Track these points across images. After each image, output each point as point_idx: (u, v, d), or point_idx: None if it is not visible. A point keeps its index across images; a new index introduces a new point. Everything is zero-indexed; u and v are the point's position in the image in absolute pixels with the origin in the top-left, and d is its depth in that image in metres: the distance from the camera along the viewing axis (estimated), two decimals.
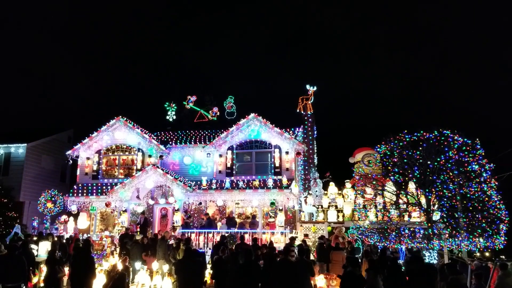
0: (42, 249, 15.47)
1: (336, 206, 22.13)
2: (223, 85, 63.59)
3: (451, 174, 13.25)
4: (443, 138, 13.34)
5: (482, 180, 13.02)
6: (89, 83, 68.81)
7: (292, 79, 67.70)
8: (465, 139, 13.30)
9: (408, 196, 14.27)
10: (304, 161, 24.94)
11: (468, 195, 13.27)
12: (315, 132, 26.50)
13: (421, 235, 14.60)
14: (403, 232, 14.57)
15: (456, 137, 13.31)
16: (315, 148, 26.25)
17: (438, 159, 13.20)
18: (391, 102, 64.99)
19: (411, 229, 15.75)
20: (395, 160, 13.68)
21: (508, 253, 18.16)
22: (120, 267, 11.71)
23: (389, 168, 13.78)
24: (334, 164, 28.25)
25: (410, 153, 13.48)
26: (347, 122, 59.76)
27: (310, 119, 25.72)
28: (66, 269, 12.70)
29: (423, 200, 14.71)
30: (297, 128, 25.04)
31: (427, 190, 13.43)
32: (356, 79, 68.67)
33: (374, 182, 14.42)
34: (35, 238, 17.02)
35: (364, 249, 14.65)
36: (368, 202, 17.91)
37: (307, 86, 26.40)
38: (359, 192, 15.56)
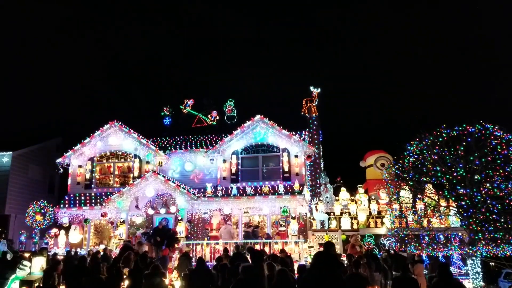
0: (36, 266, 13.68)
1: (349, 213, 20.80)
2: (222, 88, 62.06)
3: (501, 171, 12.09)
4: (487, 132, 12.21)
5: None
6: (78, 89, 66.58)
7: (296, 81, 66.59)
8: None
9: (450, 198, 13.02)
10: (311, 166, 23.62)
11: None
12: (321, 136, 25.28)
13: (458, 241, 13.37)
14: (438, 240, 13.29)
15: (499, 132, 12.17)
16: (321, 152, 25.00)
17: (485, 155, 12.00)
18: (400, 104, 64.23)
19: (444, 235, 14.50)
20: (435, 157, 12.44)
21: None
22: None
23: (429, 166, 12.49)
24: (342, 169, 27.04)
25: (452, 149, 12.26)
26: (354, 125, 58.68)
27: (315, 122, 24.44)
28: None
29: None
30: (303, 132, 23.73)
31: (474, 190, 12.20)
32: (361, 79, 67.91)
33: (411, 183, 13.15)
34: (27, 255, 15.22)
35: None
36: (390, 207, 16.59)
37: (311, 88, 25.20)
38: (393, 197, 14.21)
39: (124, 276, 10.62)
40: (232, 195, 19.86)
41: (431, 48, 68.25)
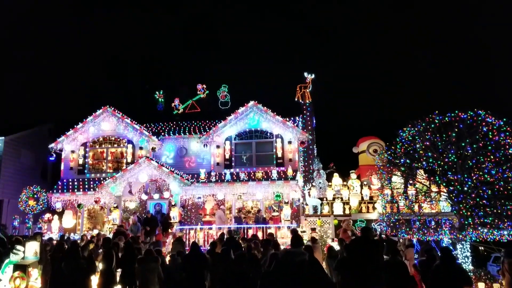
0: (30, 251, 13.71)
1: (341, 198, 20.95)
2: (216, 74, 61.60)
3: (492, 157, 12.21)
4: (479, 119, 12.30)
5: None
6: (69, 74, 65.84)
7: (289, 67, 66.18)
8: (504, 119, 12.27)
9: (441, 184, 13.16)
10: (304, 152, 23.71)
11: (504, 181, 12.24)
12: (314, 122, 25.33)
13: (448, 226, 13.53)
14: (429, 224, 13.44)
15: (491, 119, 12.27)
16: (315, 138, 25.07)
17: (477, 141, 12.10)
18: (393, 90, 64.29)
19: (435, 220, 14.66)
20: (427, 143, 12.54)
21: None
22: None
23: (421, 152, 12.59)
24: (336, 155, 27.15)
25: (444, 135, 12.36)
26: (347, 111, 58.59)
27: (308, 108, 24.44)
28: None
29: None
30: (296, 118, 23.77)
31: (465, 175, 12.34)
32: (355, 65, 67.74)
33: (403, 169, 13.26)
34: (20, 238, 15.21)
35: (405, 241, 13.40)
36: (381, 192, 16.73)
37: (305, 74, 25.13)
38: (385, 183, 14.32)
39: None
40: (225, 180, 19.94)
41: (427, 34, 68.20)
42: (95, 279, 11.19)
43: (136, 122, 22.66)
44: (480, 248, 16.90)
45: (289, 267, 6.57)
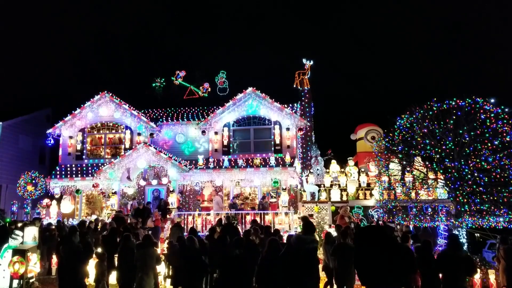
0: (28, 236, 13.78)
1: (339, 185, 21.02)
2: (214, 60, 61.20)
3: (489, 145, 12.26)
4: (477, 106, 12.32)
5: None
6: (67, 59, 65.38)
7: (289, 53, 65.77)
8: (502, 107, 12.29)
9: (438, 171, 13.21)
10: (302, 139, 23.72)
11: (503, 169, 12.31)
12: (313, 109, 25.28)
13: (445, 213, 13.65)
14: (425, 211, 13.56)
15: (489, 106, 12.28)
16: (313, 124, 25.07)
17: (474, 129, 12.14)
18: (391, 76, 64.08)
19: (431, 206, 14.76)
20: (425, 131, 12.57)
21: None
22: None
23: (419, 139, 12.63)
24: (333, 142, 27.17)
25: (442, 123, 12.38)
26: (346, 98, 58.49)
27: (307, 95, 24.36)
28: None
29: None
30: (295, 104, 23.73)
31: (462, 162, 12.39)
32: (354, 52, 67.41)
33: (401, 156, 13.31)
34: (19, 224, 15.29)
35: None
36: (379, 178, 16.80)
37: (304, 60, 24.98)
38: (383, 170, 14.39)
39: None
40: (223, 167, 19.98)
41: (427, 22, 67.79)
42: (92, 263, 11.30)
43: (134, 108, 22.61)
44: (476, 234, 17.06)
45: (301, 252, 6.99)
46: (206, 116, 22.14)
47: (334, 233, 13.50)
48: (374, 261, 6.27)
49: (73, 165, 22.01)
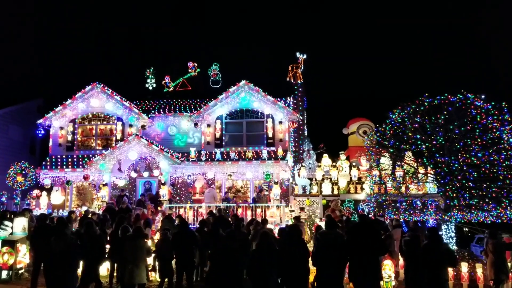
0: (18, 226, 13.70)
1: (330, 179, 21.13)
2: (207, 52, 60.88)
3: (479, 140, 12.36)
4: (468, 102, 12.39)
5: (510, 147, 12.18)
6: (58, 49, 64.66)
7: (282, 47, 65.56)
8: (492, 103, 12.38)
9: (428, 166, 13.32)
10: (294, 132, 23.75)
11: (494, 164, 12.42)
12: (305, 102, 25.30)
13: (434, 207, 13.78)
14: (415, 205, 13.66)
15: (479, 102, 12.36)
16: (305, 118, 25.10)
17: (465, 124, 12.22)
18: (385, 70, 64.19)
19: (421, 201, 14.88)
20: (416, 126, 12.63)
21: None
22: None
23: (410, 134, 12.70)
24: (326, 136, 27.25)
25: (433, 118, 12.46)
26: (338, 92, 58.53)
27: (300, 88, 24.34)
28: None
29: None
30: (288, 98, 23.73)
31: (452, 158, 12.49)
32: (346, 46, 67.37)
33: (391, 151, 13.38)
34: (8, 216, 15.18)
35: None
36: (371, 173, 16.89)
37: (297, 54, 24.95)
38: (374, 164, 14.47)
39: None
40: (215, 159, 19.96)
41: (420, 17, 67.90)
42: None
43: (125, 99, 22.46)
44: (464, 229, 17.24)
45: (331, 246, 7.92)
46: (198, 109, 22.08)
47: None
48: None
49: (64, 156, 21.86)
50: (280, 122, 21.17)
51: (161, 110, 22.99)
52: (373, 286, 7.81)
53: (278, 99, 21.70)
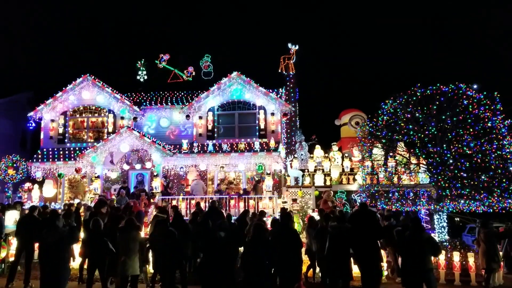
0: (9, 219, 13.63)
1: (322, 170, 21.18)
2: (198, 43, 60.47)
3: (471, 130, 12.41)
4: (460, 92, 12.42)
5: (501, 136, 12.24)
6: (48, 41, 63.92)
7: (274, 38, 65.34)
8: (484, 93, 12.42)
9: (421, 156, 13.35)
10: (287, 124, 23.73)
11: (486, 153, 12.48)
12: (297, 94, 25.24)
13: (426, 197, 13.85)
14: (407, 195, 13.73)
15: (471, 92, 12.40)
16: (297, 110, 25.05)
17: (457, 114, 12.25)
18: (377, 62, 64.23)
19: (413, 191, 14.97)
20: (408, 116, 12.64)
21: None
22: None
23: (402, 125, 12.72)
24: (318, 127, 27.28)
25: (425, 108, 12.48)
26: (330, 83, 58.54)
27: (292, 80, 24.28)
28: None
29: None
30: (280, 89, 23.67)
31: (444, 148, 12.53)
32: (339, 37, 67.25)
33: (384, 141, 13.39)
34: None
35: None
36: (362, 164, 16.94)
37: (289, 45, 24.85)
38: (366, 155, 14.49)
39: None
40: (208, 151, 19.90)
41: (412, 8, 67.92)
42: (77, 248, 11.22)
43: (117, 92, 22.28)
44: (456, 219, 17.38)
45: (341, 239, 8.83)
46: (190, 101, 21.95)
47: (317, 217, 13.64)
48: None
49: (55, 149, 21.67)
50: (272, 114, 21.12)
51: (153, 102, 22.85)
52: (377, 266, 8.86)
53: (270, 90, 21.64)
